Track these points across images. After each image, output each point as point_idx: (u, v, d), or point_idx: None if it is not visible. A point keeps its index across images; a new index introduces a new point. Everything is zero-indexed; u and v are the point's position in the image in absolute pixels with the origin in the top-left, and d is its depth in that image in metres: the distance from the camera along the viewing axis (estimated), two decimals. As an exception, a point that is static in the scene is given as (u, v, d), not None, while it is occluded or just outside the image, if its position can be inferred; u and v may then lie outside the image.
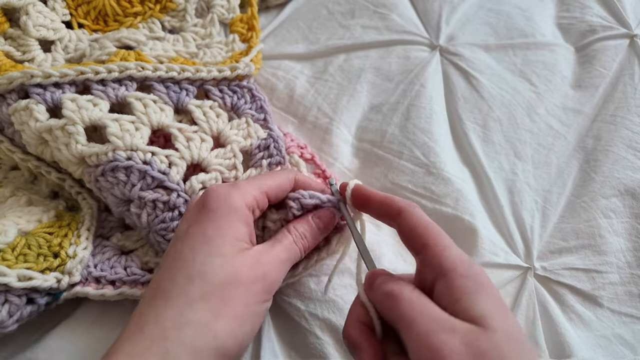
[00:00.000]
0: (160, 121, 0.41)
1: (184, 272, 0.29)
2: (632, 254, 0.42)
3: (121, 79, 0.42)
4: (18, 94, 0.40)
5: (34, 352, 0.37)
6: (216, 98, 0.45)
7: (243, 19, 0.56)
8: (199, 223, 0.31)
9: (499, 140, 0.48)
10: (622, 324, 0.39)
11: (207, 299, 0.28)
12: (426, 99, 0.50)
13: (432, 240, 0.29)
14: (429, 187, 0.45)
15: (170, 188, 0.38)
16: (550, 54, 0.54)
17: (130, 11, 0.53)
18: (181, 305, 0.28)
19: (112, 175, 0.38)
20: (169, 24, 0.55)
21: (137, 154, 0.38)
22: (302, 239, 0.35)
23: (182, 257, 0.30)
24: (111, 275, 0.38)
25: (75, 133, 0.38)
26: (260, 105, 0.46)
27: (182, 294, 0.28)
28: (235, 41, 0.54)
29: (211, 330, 0.27)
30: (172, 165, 0.39)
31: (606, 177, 0.45)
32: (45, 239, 0.38)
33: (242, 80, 0.47)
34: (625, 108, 0.49)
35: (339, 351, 0.37)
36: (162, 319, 0.27)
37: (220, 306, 0.28)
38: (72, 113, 0.38)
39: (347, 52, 0.55)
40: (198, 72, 0.45)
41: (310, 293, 0.39)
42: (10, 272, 0.34)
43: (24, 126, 0.39)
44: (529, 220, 0.44)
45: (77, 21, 0.52)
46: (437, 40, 0.55)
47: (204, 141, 0.42)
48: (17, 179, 0.44)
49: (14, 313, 0.34)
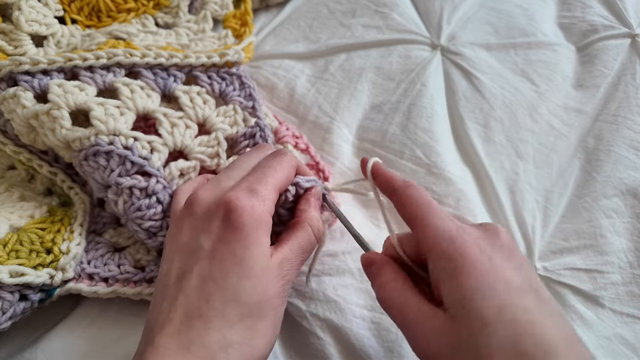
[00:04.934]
0: (146, 106, 0.41)
1: (218, 295, 0.29)
2: (633, 254, 0.42)
3: (109, 66, 0.42)
4: (7, 82, 0.39)
5: (33, 352, 0.37)
6: (204, 84, 0.45)
7: (236, 15, 0.56)
8: (226, 242, 0.30)
9: (500, 140, 0.48)
10: (624, 324, 0.39)
11: (245, 320, 0.29)
12: (427, 99, 0.50)
13: (418, 219, 0.31)
14: (430, 187, 0.45)
15: (150, 173, 0.38)
16: (552, 54, 0.53)
17: (123, 7, 0.53)
18: (223, 328, 0.29)
19: (93, 159, 0.37)
20: (162, 21, 0.55)
21: (119, 139, 0.37)
22: (318, 224, 0.35)
23: (214, 280, 0.30)
24: (104, 273, 0.38)
25: (59, 117, 0.37)
26: (249, 92, 0.46)
27: (221, 316, 0.29)
28: (227, 36, 0.54)
29: (253, 347, 0.29)
30: (154, 151, 0.39)
31: (608, 177, 0.45)
32: (38, 235, 0.37)
33: (232, 67, 0.47)
34: (626, 108, 0.49)
35: (341, 352, 0.37)
36: (207, 342, 0.28)
37: (257, 322, 0.30)
38: (58, 97, 0.38)
39: (348, 51, 0.55)
40: (187, 58, 0.44)
41: (312, 293, 0.39)
42: (2, 268, 0.34)
43: (13, 114, 0.39)
44: (530, 220, 0.44)
45: (70, 17, 0.52)
46: (438, 39, 0.55)
47: (189, 128, 0.41)
48: (14, 178, 0.44)
49: (6, 310, 0.34)
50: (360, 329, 0.38)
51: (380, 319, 0.38)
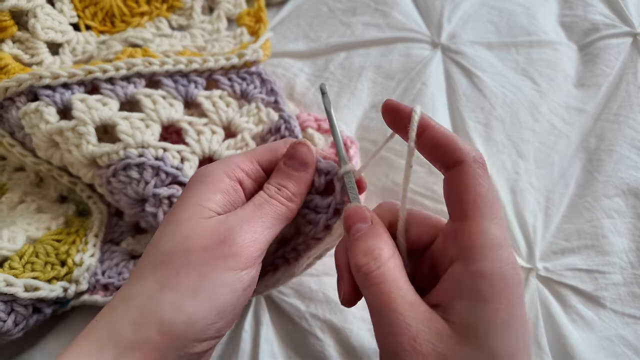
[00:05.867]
0: (170, 116, 0.41)
1: (148, 249, 0.27)
2: (635, 254, 0.41)
3: (129, 77, 0.42)
4: (27, 96, 0.40)
5: (32, 354, 0.36)
6: (225, 87, 0.45)
7: (250, 12, 0.56)
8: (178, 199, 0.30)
9: (501, 139, 0.48)
10: (625, 324, 0.39)
11: (156, 270, 0.26)
12: (428, 98, 0.49)
13: (475, 215, 0.25)
14: (430, 187, 0.44)
15: (184, 183, 0.38)
16: (553, 53, 0.53)
17: (137, 11, 0.53)
18: (133, 279, 0.26)
19: (124, 174, 0.37)
20: (176, 23, 0.55)
21: (148, 151, 0.38)
22: (280, 189, 0.30)
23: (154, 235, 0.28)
24: (119, 282, 0.38)
25: (86, 134, 0.38)
26: (271, 88, 0.46)
27: (138, 267, 0.27)
28: (243, 34, 0.54)
29: (154, 303, 0.25)
30: (185, 161, 0.39)
31: (609, 177, 0.45)
32: (53, 247, 0.37)
33: (251, 66, 0.47)
34: (628, 107, 0.49)
35: (340, 352, 0.37)
36: (116, 294, 0.26)
37: (169, 277, 0.25)
38: (82, 114, 0.38)
39: (348, 49, 0.54)
40: (205, 63, 0.44)
41: (311, 294, 0.39)
42: (17, 282, 0.34)
43: (35, 129, 0.39)
44: (532, 220, 0.44)
45: (84, 23, 0.52)
46: (439, 38, 0.54)
47: (215, 133, 0.42)
48: (22, 181, 0.44)
49: (19, 322, 0.34)
50: (360, 330, 0.37)
51: (381, 320, 0.38)
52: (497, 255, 0.24)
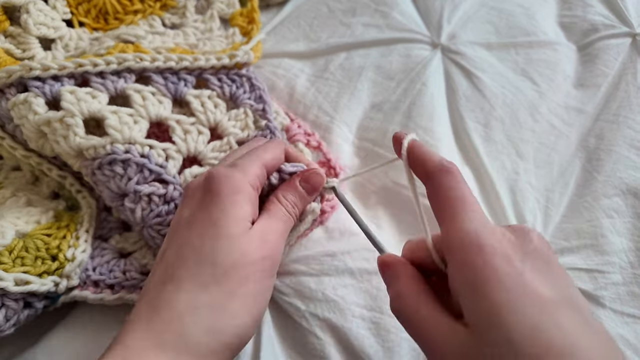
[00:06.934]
0: (159, 113, 0.41)
1: (194, 258, 0.29)
2: (634, 254, 0.41)
3: (120, 71, 0.42)
4: (17, 88, 0.40)
5: (32, 353, 0.37)
6: (215, 87, 0.45)
7: (243, 13, 0.56)
8: (204, 208, 0.31)
9: (501, 139, 0.48)
10: (625, 324, 0.39)
11: (221, 282, 0.28)
12: (428, 98, 0.50)
13: (447, 215, 0.27)
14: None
15: (167, 181, 0.38)
16: (553, 53, 0.53)
17: (130, 9, 0.53)
18: (194, 289, 0.28)
19: (109, 168, 0.37)
20: (169, 21, 0.55)
21: (135, 147, 0.38)
22: (294, 207, 0.34)
23: (191, 244, 0.30)
24: (110, 280, 0.38)
25: (73, 125, 0.37)
26: (260, 95, 0.46)
27: (194, 279, 0.28)
28: (235, 34, 0.54)
29: (228, 311, 0.28)
30: (169, 159, 0.39)
31: (608, 177, 0.45)
32: (44, 241, 0.37)
33: (242, 68, 0.47)
34: (627, 107, 0.49)
35: (340, 351, 0.37)
36: (175, 303, 0.27)
37: (235, 287, 0.28)
38: (71, 105, 0.38)
39: (348, 50, 0.55)
40: (196, 61, 0.44)
41: (311, 293, 0.39)
42: (7, 276, 0.34)
43: (24, 120, 0.39)
44: (531, 220, 0.44)
45: (77, 20, 0.52)
46: (439, 38, 0.55)
47: (201, 133, 0.42)
48: (18, 180, 0.44)
49: (10, 317, 0.34)
50: (360, 329, 0.38)
51: (380, 319, 0.38)
52: (466, 237, 0.26)
